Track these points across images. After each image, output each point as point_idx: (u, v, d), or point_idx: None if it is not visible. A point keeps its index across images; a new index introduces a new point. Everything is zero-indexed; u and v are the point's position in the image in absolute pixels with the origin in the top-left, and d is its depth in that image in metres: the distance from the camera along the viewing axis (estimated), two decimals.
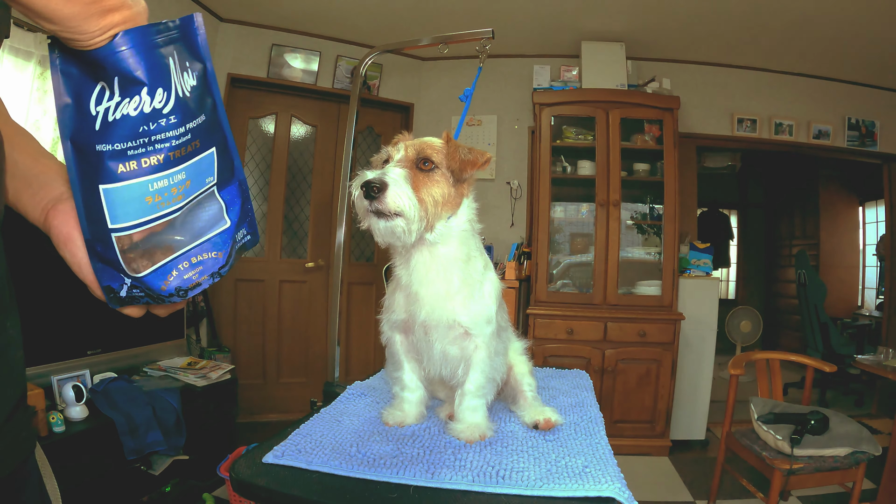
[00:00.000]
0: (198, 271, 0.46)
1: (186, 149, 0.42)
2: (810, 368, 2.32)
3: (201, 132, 0.43)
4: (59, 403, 1.87)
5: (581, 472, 0.71)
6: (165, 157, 0.40)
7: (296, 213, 3.56)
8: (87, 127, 0.38)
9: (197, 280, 0.46)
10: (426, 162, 0.82)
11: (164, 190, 0.41)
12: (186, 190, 0.43)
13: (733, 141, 3.70)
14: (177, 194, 0.42)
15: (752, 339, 4.71)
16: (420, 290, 0.84)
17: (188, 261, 0.45)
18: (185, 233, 0.44)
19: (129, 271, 0.42)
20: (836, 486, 2.11)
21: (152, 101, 0.39)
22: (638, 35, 3.27)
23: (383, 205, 0.75)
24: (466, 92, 1.37)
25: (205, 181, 0.45)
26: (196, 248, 0.45)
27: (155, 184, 0.40)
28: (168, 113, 0.40)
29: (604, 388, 2.96)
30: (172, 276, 0.44)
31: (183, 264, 0.44)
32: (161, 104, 0.39)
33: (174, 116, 0.40)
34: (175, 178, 0.42)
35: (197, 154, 0.43)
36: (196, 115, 0.42)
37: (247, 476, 0.71)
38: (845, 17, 2.85)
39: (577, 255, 3.29)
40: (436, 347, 0.86)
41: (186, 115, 0.41)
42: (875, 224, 5.40)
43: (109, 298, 0.44)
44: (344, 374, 3.49)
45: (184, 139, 0.41)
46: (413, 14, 3.15)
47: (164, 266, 0.43)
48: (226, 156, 0.47)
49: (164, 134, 0.40)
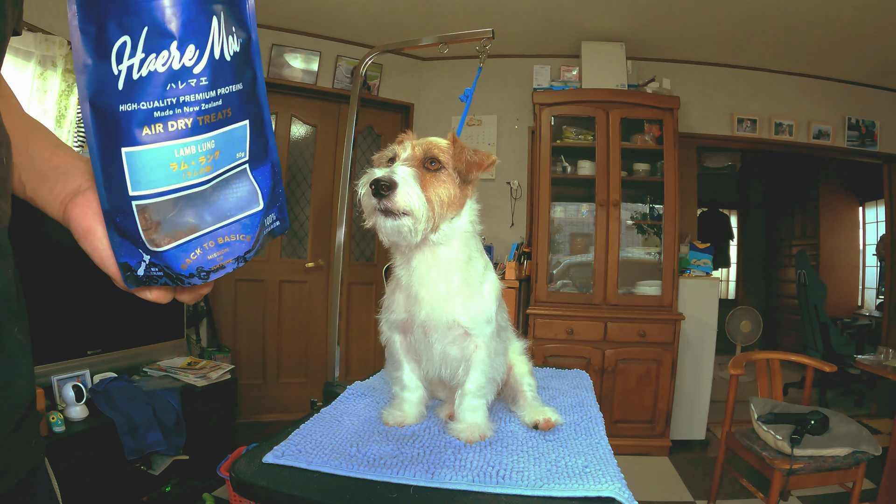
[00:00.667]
0: (223, 253, 0.43)
1: (217, 115, 0.39)
2: (810, 368, 2.32)
3: (235, 101, 0.40)
4: (59, 403, 1.87)
5: (581, 472, 0.71)
6: (194, 121, 0.38)
7: (296, 213, 3.55)
8: (109, 87, 0.36)
9: (221, 262, 0.43)
10: (433, 162, 0.82)
11: (192, 158, 0.38)
12: (215, 161, 0.40)
13: (733, 141, 3.70)
14: (205, 164, 0.39)
15: (752, 339, 4.71)
16: (420, 291, 0.84)
17: (214, 240, 0.42)
18: (213, 210, 0.41)
19: (149, 245, 0.40)
20: (836, 486, 2.11)
21: (182, 56, 0.36)
22: (638, 35, 3.27)
23: (392, 203, 0.75)
24: (467, 92, 1.37)
25: (235, 156, 0.42)
26: (224, 227, 0.42)
27: (182, 150, 0.38)
28: (198, 73, 0.37)
29: (604, 388, 2.96)
30: (195, 254, 0.41)
31: (208, 243, 0.42)
32: (191, 62, 0.37)
33: (205, 78, 0.37)
34: (204, 146, 0.39)
35: (228, 123, 0.40)
36: (231, 82, 0.39)
37: (247, 476, 0.71)
38: (845, 17, 2.85)
39: (577, 255, 3.29)
40: (436, 348, 0.86)
41: (219, 79, 0.38)
42: (875, 224, 5.40)
43: (126, 277, 0.41)
44: (344, 374, 3.49)
45: (214, 104, 0.38)
46: (413, 14, 3.15)
47: (186, 243, 0.41)
48: (261, 133, 0.44)
49: (193, 95, 0.37)
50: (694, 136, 3.60)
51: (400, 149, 0.84)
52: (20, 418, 0.50)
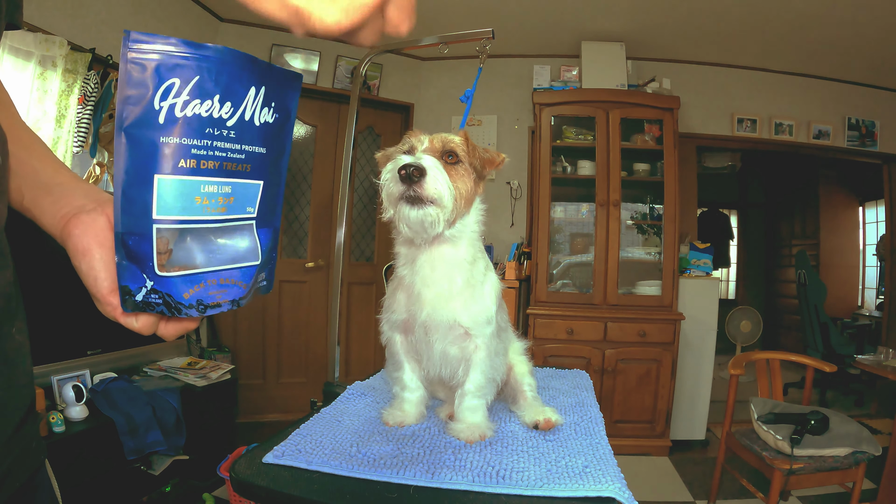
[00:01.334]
0: (222, 293, 0.46)
1: (238, 166, 0.44)
2: (810, 368, 2.32)
3: (255, 161, 0.46)
4: (59, 403, 1.87)
5: (581, 472, 0.71)
6: (220, 165, 0.43)
7: (296, 213, 3.55)
8: (150, 120, 0.40)
9: (219, 301, 0.46)
10: (451, 155, 0.82)
11: (213, 196, 0.43)
12: (230, 205, 0.45)
13: (733, 141, 3.70)
14: (221, 204, 0.44)
15: (752, 339, 4.71)
16: (423, 291, 0.83)
17: (217, 279, 0.46)
18: (220, 252, 0.45)
19: (158, 270, 0.42)
20: (836, 486, 2.11)
21: (221, 108, 0.42)
22: (638, 35, 3.27)
23: (423, 190, 0.74)
24: (467, 93, 1.37)
25: (246, 209, 0.47)
26: (227, 271, 0.46)
27: (207, 187, 0.43)
28: (230, 126, 0.43)
29: (604, 388, 2.96)
30: (199, 287, 0.44)
31: (211, 280, 0.45)
32: (227, 115, 0.43)
33: (233, 132, 0.43)
34: (223, 189, 0.44)
35: (245, 177, 0.46)
36: (255, 143, 0.45)
37: (247, 476, 0.71)
38: (845, 17, 2.85)
39: (577, 255, 3.29)
40: (436, 347, 0.86)
41: (245, 137, 0.44)
42: (875, 224, 5.40)
43: (124, 301, 0.43)
44: (344, 374, 3.49)
45: (237, 156, 0.44)
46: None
47: (193, 275, 0.44)
48: (272, 199, 0.50)
49: (223, 143, 0.43)
50: (694, 136, 3.60)
51: (416, 141, 0.83)
52: (21, 420, 0.50)
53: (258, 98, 0.44)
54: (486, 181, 0.88)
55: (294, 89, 0.49)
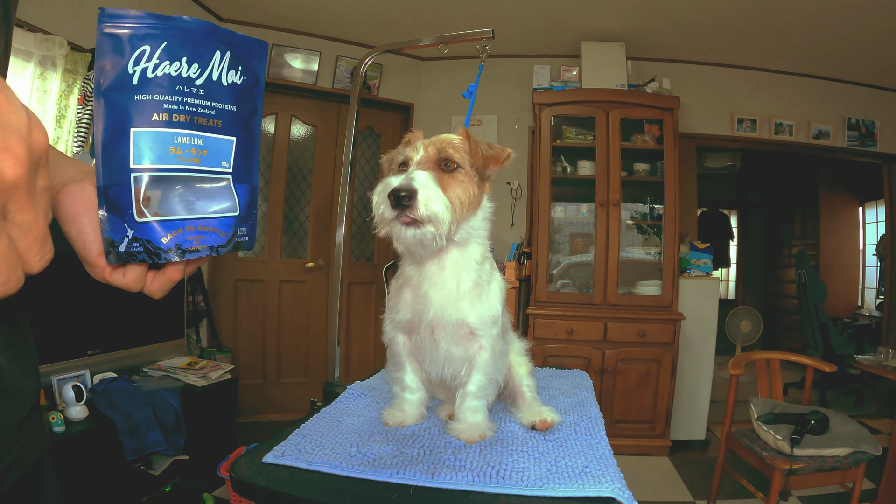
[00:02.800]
0: (201, 238, 0.49)
1: (208, 121, 0.48)
2: (810, 368, 2.32)
3: (227, 118, 0.50)
4: (59, 403, 1.87)
5: (581, 472, 0.71)
6: (191, 119, 0.47)
7: (296, 213, 3.55)
8: (124, 83, 0.44)
9: (197, 246, 0.49)
10: (448, 162, 0.78)
11: (186, 147, 0.47)
12: (203, 157, 0.49)
13: (733, 141, 3.70)
14: (195, 155, 0.48)
15: (752, 339, 4.71)
16: (430, 291, 0.83)
17: (195, 226, 0.49)
18: (199, 201, 0.49)
19: (136, 216, 0.46)
20: (836, 486, 2.11)
21: (188, 69, 0.46)
22: (638, 35, 3.27)
23: (415, 212, 0.71)
24: (470, 88, 1.35)
25: (220, 163, 0.50)
26: (204, 219, 0.49)
27: (179, 138, 0.46)
28: (199, 85, 0.47)
29: (604, 388, 2.96)
30: (176, 232, 0.48)
31: (189, 227, 0.48)
32: (195, 75, 0.47)
33: (203, 90, 0.47)
34: (195, 141, 0.48)
35: (217, 132, 0.49)
36: (225, 101, 0.49)
37: (247, 476, 0.71)
38: (845, 17, 2.85)
39: (577, 255, 3.29)
40: (441, 347, 0.85)
41: (215, 96, 0.48)
42: (875, 224, 5.40)
43: (108, 253, 0.46)
44: (344, 374, 3.49)
45: (207, 112, 0.48)
46: (413, 14, 3.15)
47: (170, 221, 0.47)
48: (246, 158, 0.53)
49: (192, 100, 0.47)
50: (694, 136, 3.60)
51: (411, 151, 0.80)
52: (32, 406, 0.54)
53: (224, 61, 0.49)
54: (492, 180, 0.85)
55: (259, 55, 0.52)
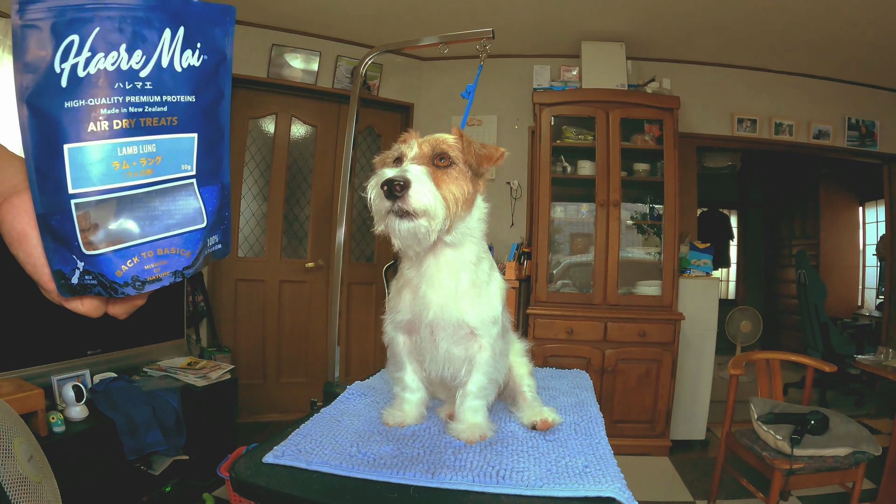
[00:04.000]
0: (161, 265, 0.42)
1: (160, 120, 0.40)
2: (810, 368, 2.32)
3: (184, 111, 0.41)
4: (59, 403, 1.87)
5: (581, 472, 0.71)
6: (136, 121, 0.39)
7: (296, 213, 3.55)
8: (51, 85, 0.36)
9: (158, 275, 0.42)
10: (442, 158, 0.79)
11: (133, 158, 0.39)
12: (156, 166, 0.40)
13: (733, 141, 3.70)
14: (146, 166, 0.40)
15: (752, 339, 4.71)
16: (428, 292, 0.83)
17: (154, 251, 0.42)
18: (155, 219, 0.41)
19: (85, 248, 0.39)
20: (836, 486, 2.11)
21: (129, 59, 0.38)
22: (638, 35, 3.27)
23: (407, 204, 0.71)
24: (469, 88, 1.36)
25: (180, 167, 0.42)
26: (165, 239, 0.42)
27: (124, 149, 0.38)
28: (145, 77, 0.39)
29: (604, 388, 2.96)
30: (132, 262, 0.41)
31: (147, 253, 0.41)
32: (138, 65, 0.38)
33: (150, 83, 0.39)
34: (145, 148, 0.40)
35: (172, 131, 0.41)
36: (180, 92, 0.41)
37: (247, 476, 0.71)
38: (846, 17, 2.85)
39: (577, 255, 3.29)
40: (441, 347, 0.85)
41: (166, 87, 0.40)
42: (875, 224, 5.40)
43: (59, 286, 0.40)
44: (344, 374, 3.49)
45: (157, 109, 0.40)
46: (413, 14, 3.15)
47: (124, 249, 0.40)
48: (213, 152, 0.45)
49: (138, 97, 0.39)
50: (694, 136, 3.60)
51: (406, 147, 0.81)
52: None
53: (176, 40, 0.40)
54: (486, 178, 0.86)
55: (224, 25, 0.44)
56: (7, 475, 0.86)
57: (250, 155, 3.44)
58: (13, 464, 0.88)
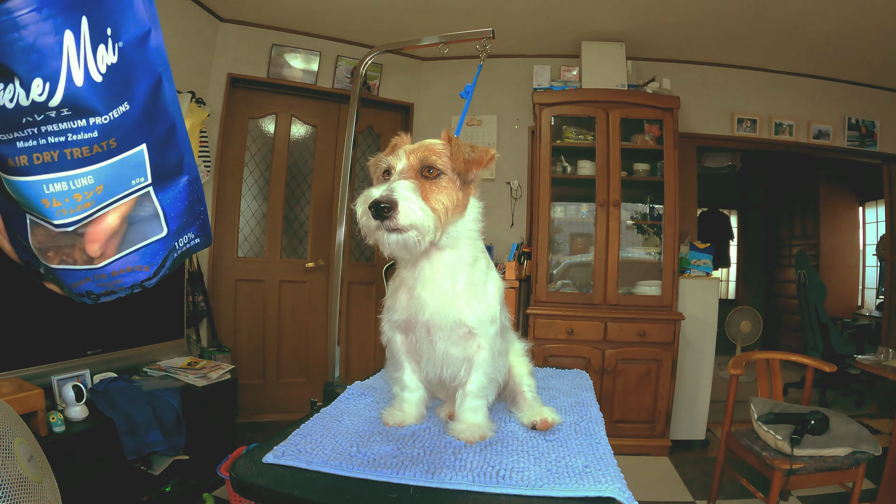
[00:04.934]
0: (117, 283, 0.39)
1: (93, 148, 0.33)
2: (810, 368, 2.32)
3: (119, 128, 0.34)
4: (59, 403, 1.87)
5: (581, 472, 0.71)
6: (61, 154, 0.32)
7: (296, 213, 3.55)
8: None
9: (113, 289, 0.39)
10: (431, 169, 0.80)
11: (65, 195, 0.33)
12: (96, 196, 0.34)
13: (733, 141, 3.70)
14: (82, 201, 0.34)
15: (752, 339, 4.71)
16: (423, 292, 0.83)
17: (107, 273, 0.38)
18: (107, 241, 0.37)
19: (41, 258, 0.37)
20: (836, 486, 2.11)
21: (28, 93, 0.30)
22: (638, 35, 3.27)
23: (395, 223, 0.72)
24: (467, 88, 1.36)
25: (130, 183, 0.36)
26: (118, 260, 0.38)
27: (52, 185, 0.32)
28: (55, 106, 0.31)
29: (604, 388, 2.96)
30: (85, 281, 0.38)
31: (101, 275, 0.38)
32: (42, 97, 0.30)
33: (66, 109, 0.31)
34: (78, 182, 0.33)
35: (113, 155, 0.34)
36: (109, 107, 0.33)
37: (247, 476, 0.71)
38: (846, 17, 2.85)
39: (577, 255, 3.29)
40: (438, 347, 0.85)
41: (88, 108, 0.32)
42: (875, 224, 5.40)
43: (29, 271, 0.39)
44: (344, 374, 3.49)
45: (87, 136, 0.32)
46: (413, 14, 3.15)
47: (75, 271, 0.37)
48: (169, 150, 0.38)
49: (56, 126, 0.31)
50: (694, 136, 3.60)
51: (394, 159, 0.81)
52: None
53: (83, 40, 0.31)
54: (478, 181, 0.86)
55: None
56: (7, 475, 0.86)
57: (250, 155, 3.44)
58: (13, 464, 0.88)
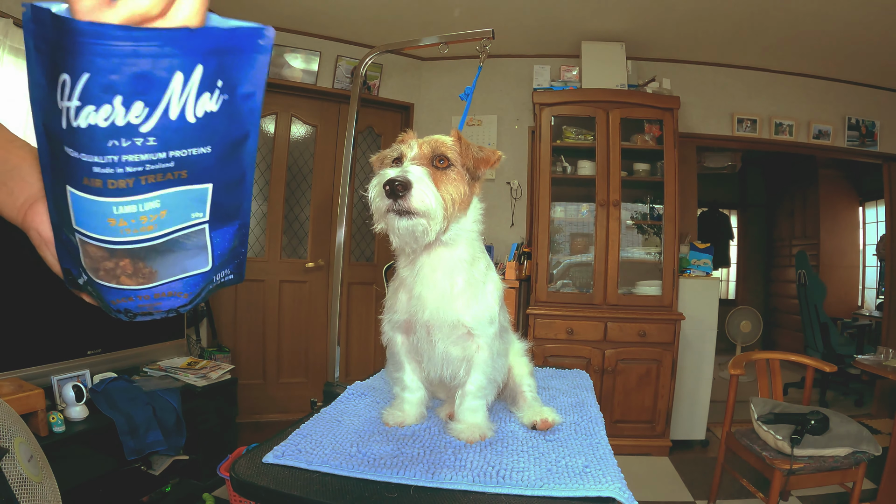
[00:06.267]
0: (155, 305, 0.41)
1: (165, 175, 0.34)
2: (810, 368, 2.32)
3: (195, 164, 0.35)
4: (59, 403, 1.87)
5: (581, 472, 0.71)
6: (136, 181, 0.33)
7: (296, 213, 3.55)
8: (56, 119, 0.31)
9: (150, 311, 0.41)
10: (442, 160, 0.80)
11: (132, 216, 0.35)
12: (160, 220, 0.36)
13: (733, 141, 3.70)
14: (146, 223, 0.35)
15: (752, 339, 4.71)
16: (423, 291, 0.83)
17: (150, 294, 0.39)
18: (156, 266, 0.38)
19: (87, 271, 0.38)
20: (836, 486, 2.11)
21: (126, 113, 0.31)
22: (638, 35, 3.27)
23: (408, 204, 0.72)
24: (467, 90, 1.37)
25: (190, 216, 0.38)
26: (163, 286, 0.39)
27: (121, 208, 0.34)
28: (146, 133, 0.32)
29: (604, 388, 2.96)
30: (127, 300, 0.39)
31: (143, 296, 0.39)
32: (138, 119, 0.31)
33: (153, 139, 0.32)
34: (146, 206, 0.35)
35: (181, 184, 0.35)
36: (191, 144, 0.34)
37: (247, 476, 0.71)
38: (845, 17, 2.85)
39: (577, 255, 3.29)
40: (438, 348, 0.85)
41: (172, 141, 0.33)
42: (875, 224, 5.40)
43: (67, 280, 0.41)
44: (344, 374, 3.49)
45: (163, 165, 0.34)
46: (413, 14, 3.15)
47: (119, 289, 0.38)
48: (234, 195, 0.40)
49: (137, 156, 0.32)
50: (694, 136, 3.60)
51: (406, 147, 0.82)
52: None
53: (190, 85, 0.32)
54: (482, 180, 0.87)
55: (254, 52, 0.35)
56: (7, 475, 0.86)
57: None
58: (13, 464, 0.88)
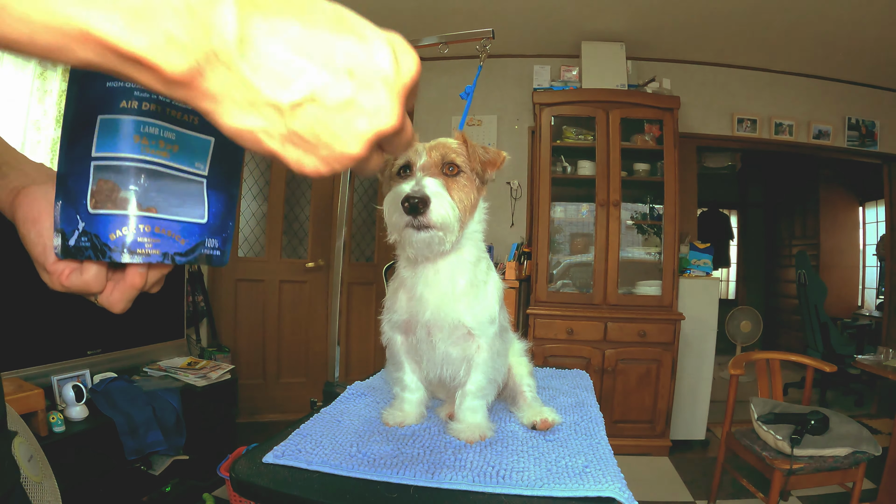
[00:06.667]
0: (154, 242, 0.44)
1: (182, 116, 0.44)
2: (810, 368, 2.32)
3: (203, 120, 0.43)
4: (59, 403, 1.87)
5: (581, 472, 0.71)
6: (162, 109, 0.43)
7: (296, 213, 3.55)
8: None
9: (148, 249, 0.44)
10: (451, 167, 0.80)
11: (154, 137, 0.43)
12: (173, 153, 0.44)
13: (733, 141, 3.70)
14: (163, 147, 0.43)
15: (752, 339, 4.71)
16: (425, 292, 0.83)
17: (150, 226, 0.44)
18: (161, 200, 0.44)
19: (91, 206, 0.42)
20: (836, 486, 2.11)
21: None
22: (638, 35, 3.27)
23: (428, 219, 0.72)
24: (467, 89, 1.36)
25: (194, 164, 0.45)
26: (164, 220, 0.44)
27: (147, 127, 0.43)
28: None
29: (604, 388, 2.96)
30: (127, 230, 0.43)
31: (144, 226, 0.43)
32: None
33: None
34: (165, 133, 0.43)
35: (192, 128, 0.45)
36: None
37: (247, 476, 0.71)
38: (846, 17, 2.85)
39: (577, 255, 3.29)
40: (438, 348, 0.85)
41: None
42: (875, 224, 5.40)
43: (58, 247, 0.43)
44: (344, 374, 3.49)
45: (181, 105, 0.43)
46: (413, 14, 3.15)
47: (123, 216, 0.43)
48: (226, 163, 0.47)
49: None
50: (694, 136, 3.60)
51: (413, 155, 0.80)
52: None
53: None
54: (489, 183, 0.87)
55: None
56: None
57: (250, 155, 3.44)
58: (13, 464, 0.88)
